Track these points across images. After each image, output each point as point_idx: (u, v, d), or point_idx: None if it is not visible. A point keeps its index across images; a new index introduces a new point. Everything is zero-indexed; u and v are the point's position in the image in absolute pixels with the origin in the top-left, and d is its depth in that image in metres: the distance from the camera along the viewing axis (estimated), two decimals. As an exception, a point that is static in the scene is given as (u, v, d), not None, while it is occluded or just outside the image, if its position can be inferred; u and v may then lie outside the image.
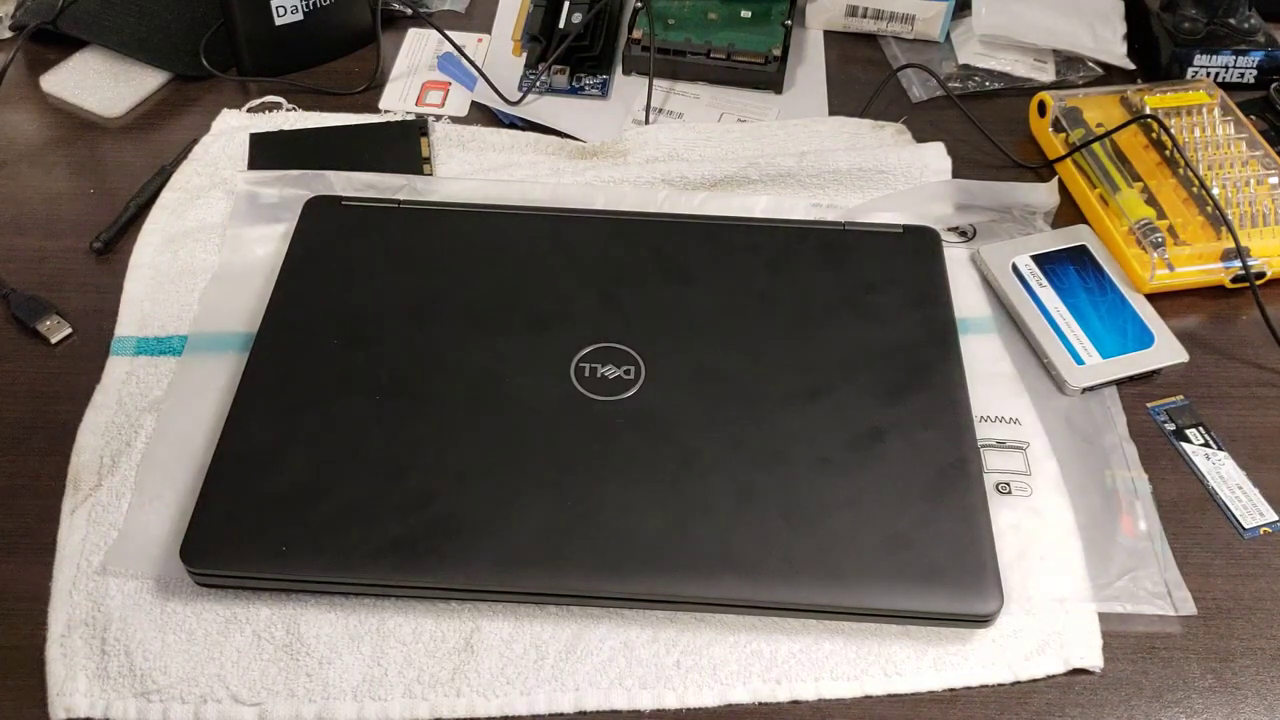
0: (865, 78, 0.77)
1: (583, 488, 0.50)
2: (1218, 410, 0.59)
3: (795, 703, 0.48)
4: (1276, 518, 0.54)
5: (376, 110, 0.74)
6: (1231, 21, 0.76)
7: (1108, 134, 0.67)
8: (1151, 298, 0.62)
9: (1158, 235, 0.62)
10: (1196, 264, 0.62)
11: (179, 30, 0.75)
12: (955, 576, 0.48)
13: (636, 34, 0.75)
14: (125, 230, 0.65)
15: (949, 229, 0.66)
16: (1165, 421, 0.58)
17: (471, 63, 0.74)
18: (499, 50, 0.78)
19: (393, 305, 0.57)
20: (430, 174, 0.68)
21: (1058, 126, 0.70)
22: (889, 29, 0.80)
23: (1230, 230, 0.62)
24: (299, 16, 0.74)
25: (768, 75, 0.75)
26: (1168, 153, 0.67)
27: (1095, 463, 0.55)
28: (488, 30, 0.79)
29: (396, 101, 0.74)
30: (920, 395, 0.54)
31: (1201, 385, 0.60)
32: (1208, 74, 0.75)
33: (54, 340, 0.60)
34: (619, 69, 0.77)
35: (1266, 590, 0.52)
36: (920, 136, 0.71)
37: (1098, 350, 0.59)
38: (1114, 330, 0.60)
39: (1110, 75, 0.77)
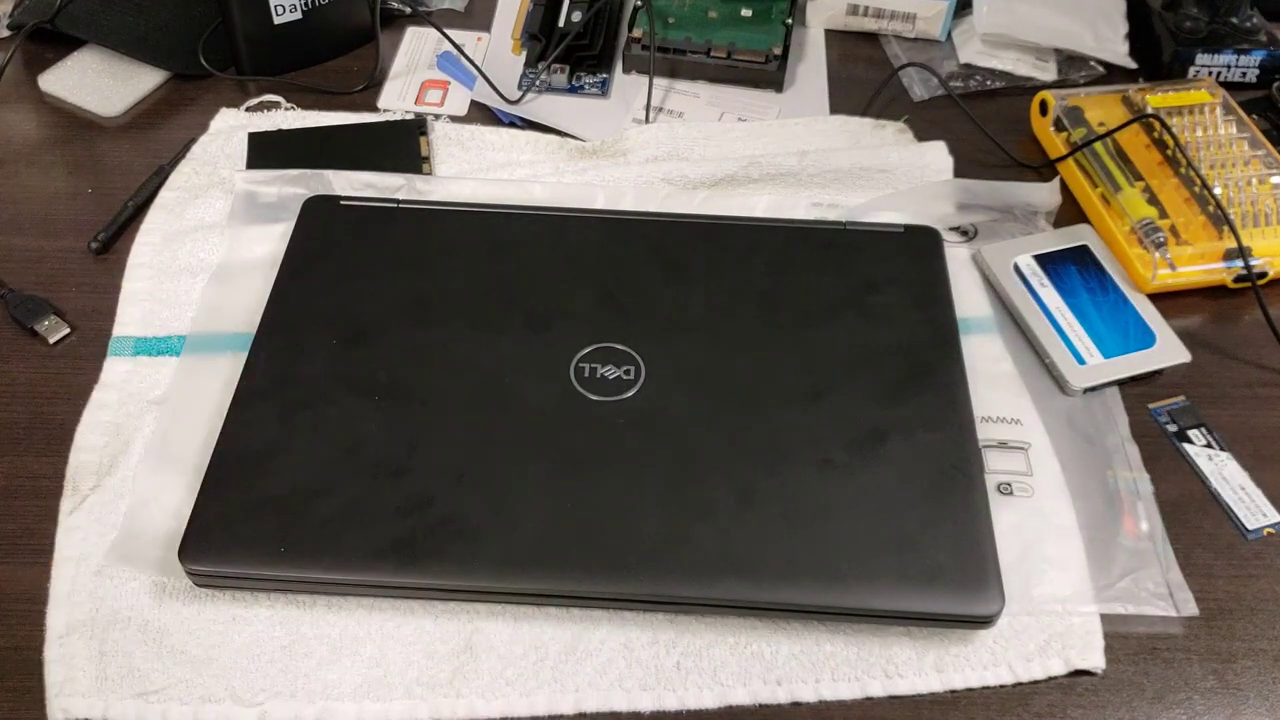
0: (866, 76, 0.77)
1: (583, 488, 0.50)
2: (1220, 411, 0.58)
3: (796, 704, 0.48)
4: (1279, 518, 0.54)
5: (375, 109, 0.73)
6: (1233, 20, 0.75)
7: (1109, 133, 0.67)
8: (1153, 297, 0.62)
9: (1159, 235, 0.62)
10: (1198, 264, 0.62)
11: (177, 29, 0.75)
12: (956, 577, 0.48)
13: (636, 33, 0.74)
14: (123, 230, 0.65)
15: (950, 228, 0.66)
16: (1167, 422, 0.58)
17: (471, 61, 0.74)
18: (498, 49, 0.77)
19: (392, 305, 0.57)
20: (429, 173, 0.68)
21: (1059, 126, 0.70)
22: (890, 28, 0.79)
23: (1232, 230, 0.61)
24: (298, 15, 0.74)
25: (768, 74, 0.74)
26: (1169, 152, 0.67)
27: (1097, 463, 0.55)
28: (487, 29, 0.79)
29: (395, 100, 0.74)
30: (921, 395, 0.54)
31: (1204, 385, 0.59)
32: (1210, 73, 0.75)
33: (52, 340, 0.60)
34: (619, 68, 0.76)
35: (1269, 591, 0.52)
36: (921, 136, 0.71)
37: (1099, 350, 0.59)
38: (1116, 330, 0.60)
39: (1112, 74, 0.77)
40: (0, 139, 0.71)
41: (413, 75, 0.76)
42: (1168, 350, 0.59)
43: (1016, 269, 0.63)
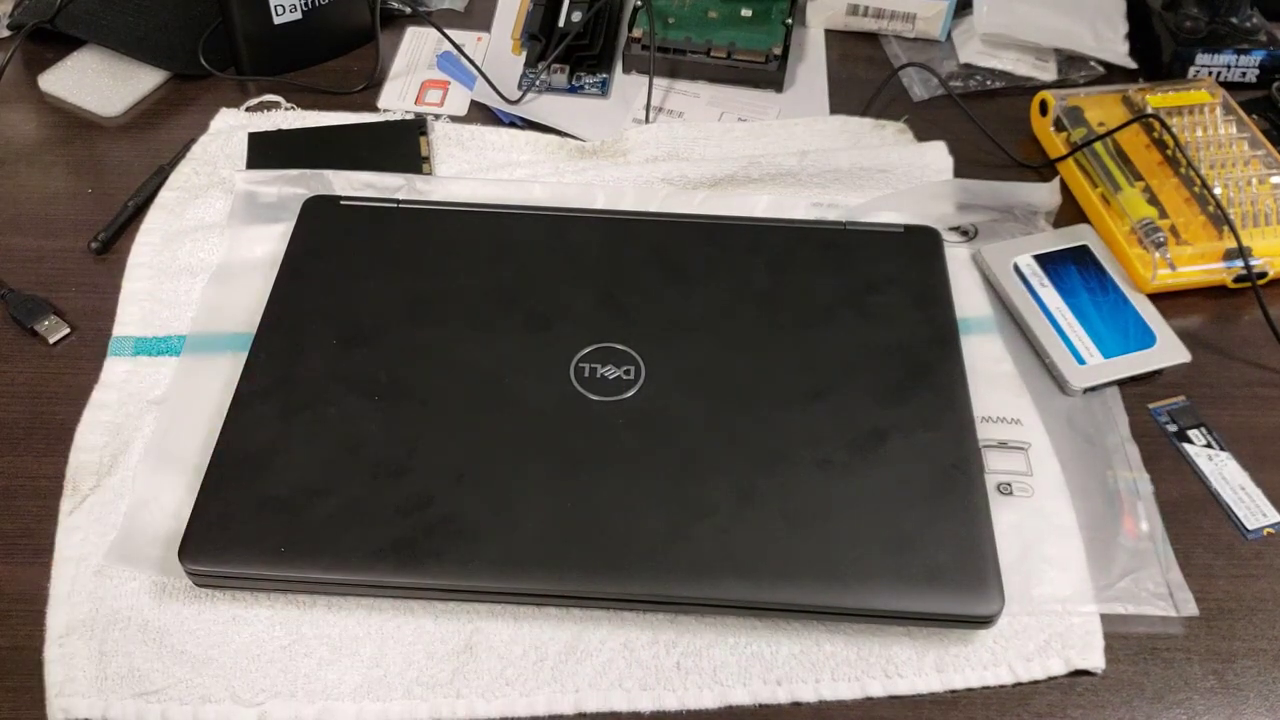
0: (866, 76, 0.77)
1: (583, 488, 0.50)
2: (1220, 411, 0.58)
3: (796, 704, 0.48)
4: (1279, 518, 0.54)
5: (375, 109, 0.73)
6: (1233, 20, 0.75)
7: (1109, 133, 0.67)
8: (1153, 297, 0.62)
9: (1159, 235, 0.62)
10: (1198, 264, 0.62)
11: (177, 29, 0.75)
12: (956, 577, 0.48)
13: (636, 33, 0.74)
14: (123, 230, 0.65)
15: (950, 228, 0.66)
16: (1167, 422, 0.58)
17: (471, 61, 0.74)
18: (498, 49, 0.77)
19: (392, 305, 0.57)
20: (429, 173, 0.68)
21: (1059, 126, 0.70)
22: (890, 28, 0.79)
23: (1232, 230, 0.61)
24: (297, 15, 0.74)
25: (768, 74, 0.74)
26: (1169, 152, 0.67)
27: (1097, 463, 0.55)
28: (487, 29, 0.79)
29: (395, 100, 0.74)
30: (921, 395, 0.54)
31: (1204, 385, 0.59)
32: (1209, 73, 0.75)
33: (52, 340, 0.60)
34: (619, 68, 0.76)
35: (1269, 591, 0.52)
36: (922, 136, 0.71)
37: (1099, 350, 0.59)
38: (1116, 330, 0.60)
39: (1112, 74, 0.77)
40: (0, 139, 0.71)
41: (413, 75, 0.76)
42: (1168, 350, 0.59)
43: (1016, 269, 0.63)
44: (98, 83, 0.74)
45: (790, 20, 0.76)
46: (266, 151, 0.68)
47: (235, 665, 0.48)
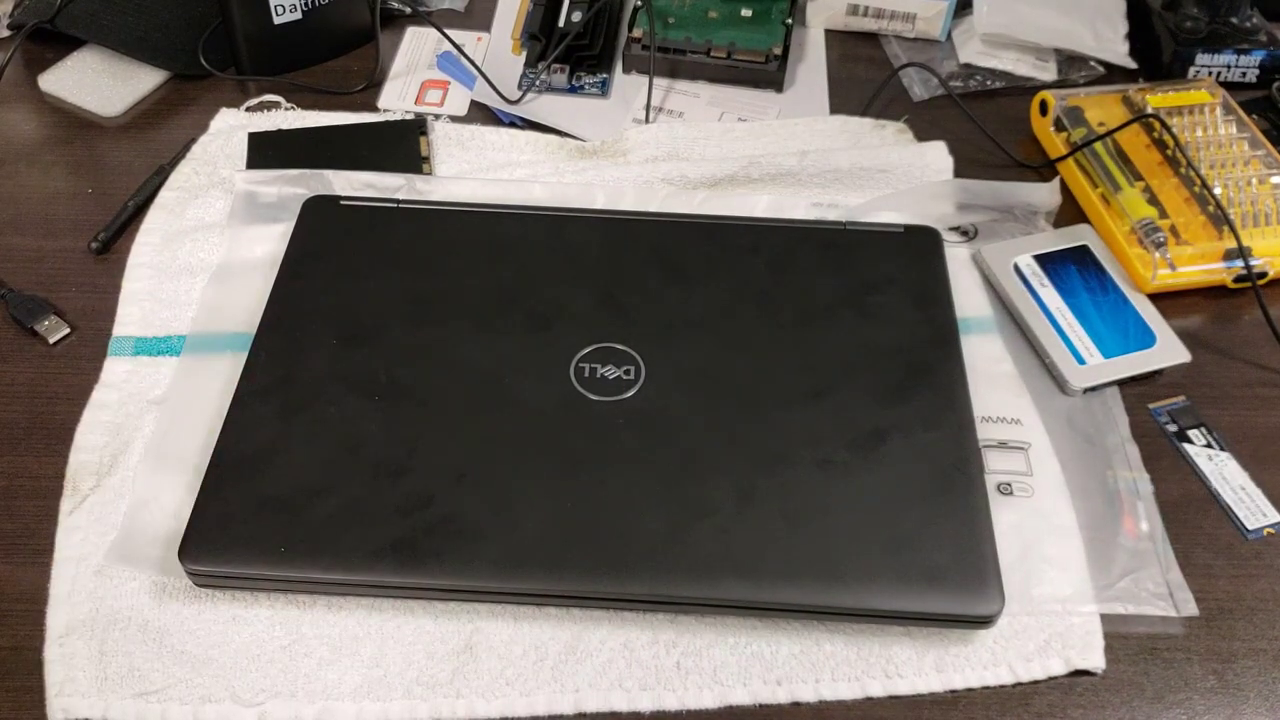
0: (866, 76, 0.77)
1: (583, 488, 0.50)
2: (1220, 411, 0.58)
3: (796, 704, 0.48)
4: (1279, 518, 0.54)
5: (375, 109, 0.73)
6: (1233, 20, 0.75)
7: (1109, 133, 0.67)
8: (1153, 297, 0.62)
9: (1159, 235, 0.62)
10: (1198, 264, 0.62)
11: (177, 29, 0.75)
12: (956, 577, 0.48)
13: (636, 33, 0.74)
14: (123, 230, 0.65)
15: (950, 228, 0.66)
16: (1167, 422, 0.58)
17: (471, 61, 0.74)
18: (498, 49, 0.77)
19: (392, 305, 0.57)
20: (429, 173, 0.68)
21: (1059, 126, 0.70)
22: (890, 28, 0.79)
23: (1232, 230, 0.61)
24: (297, 15, 0.74)
25: (768, 74, 0.74)
26: (1169, 152, 0.67)
27: (1097, 463, 0.55)
28: (487, 29, 0.79)
29: (395, 100, 0.74)
30: (921, 396, 0.54)
31: (1204, 385, 0.59)
32: (1210, 73, 0.75)
33: (52, 340, 0.60)
34: (619, 68, 0.76)
35: (1269, 591, 0.52)
36: (922, 135, 0.71)
37: (1099, 350, 0.59)
38: (1116, 330, 0.60)
39: (1112, 74, 0.77)
40: (0, 139, 0.71)
41: (413, 75, 0.76)
42: (1168, 350, 0.59)
43: (1016, 269, 0.63)
44: (98, 83, 0.74)
45: (790, 20, 0.76)
46: (266, 151, 0.68)
47: (235, 665, 0.48)
